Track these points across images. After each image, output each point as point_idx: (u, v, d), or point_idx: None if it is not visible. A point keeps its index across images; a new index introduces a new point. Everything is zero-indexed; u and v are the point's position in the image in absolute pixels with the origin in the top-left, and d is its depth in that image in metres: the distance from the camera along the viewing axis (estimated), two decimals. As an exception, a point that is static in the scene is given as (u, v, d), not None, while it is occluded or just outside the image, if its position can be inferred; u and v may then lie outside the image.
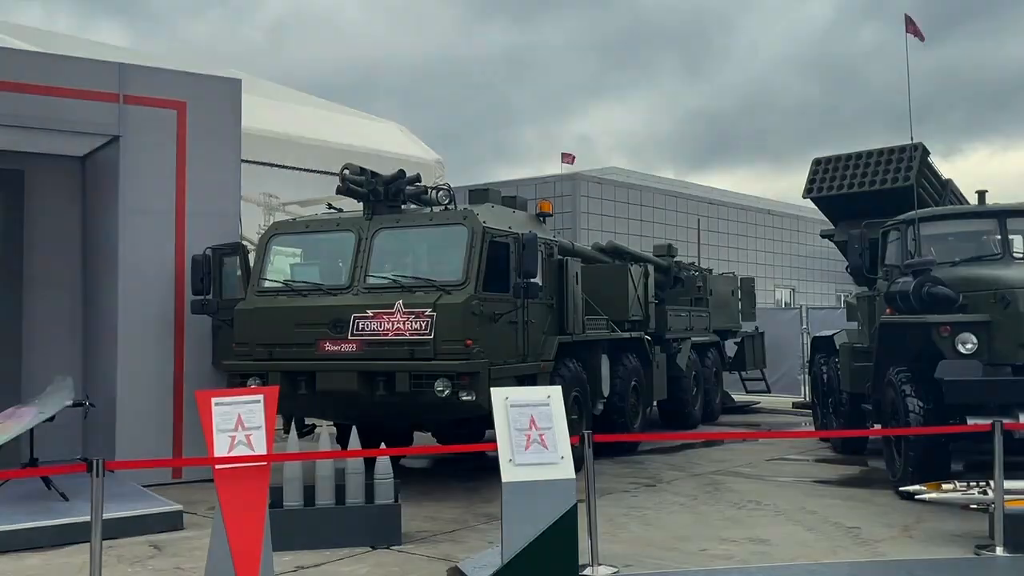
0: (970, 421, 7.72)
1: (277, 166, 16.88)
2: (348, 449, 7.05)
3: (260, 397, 5.33)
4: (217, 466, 5.09)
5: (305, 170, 17.33)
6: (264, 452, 5.16)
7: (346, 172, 9.21)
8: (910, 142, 11.35)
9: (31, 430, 8.10)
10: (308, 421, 10.12)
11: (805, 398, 17.01)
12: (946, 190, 12.30)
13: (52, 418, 8.12)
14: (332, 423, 10.72)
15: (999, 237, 9.16)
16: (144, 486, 8.62)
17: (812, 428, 13.52)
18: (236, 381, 8.90)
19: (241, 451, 5.12)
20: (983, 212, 9.67)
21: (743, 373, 17.99)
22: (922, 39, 9.49)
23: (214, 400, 5.26)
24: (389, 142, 20.31)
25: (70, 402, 8.36)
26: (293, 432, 6.99)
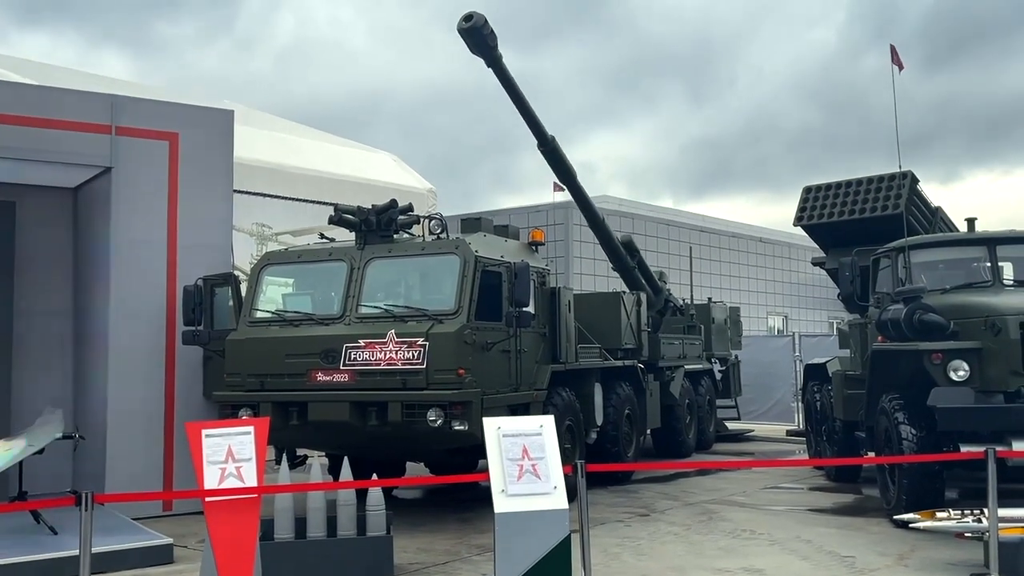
0: (963, 449, 7.73)
1: (269, 196, 16.89)
2: (340, 480, 7.01)
3: (250, 428, 5.31)
4: (207, 498, 5.06)
5: (297, 200, 17.35)
6: (254, 484, 5.13)
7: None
8: (899, 170, 11.44)
9: (20, 463, 8.03)
10: (299, 452, 10.06)
11: (799, 426, 16.98)
12: (936, 217, 12.38)
13: (42, 451, 8.06)
14: (324, 454, 10.66)
15: (989, 264, 9.22)
16: (134, 519, 8.55)
17: (806, 456, 13.49)
18: (227, 412, 8.85)
19: (231, 483, 5.09)
20: (973, 240, 9.72)
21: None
22: (901, 68, 9.61)
23: (204, 432, 5.24)
24: (382, 172, 20.36)
25: (59, 435, 8.30)
26: (284, 463, 6.93)
